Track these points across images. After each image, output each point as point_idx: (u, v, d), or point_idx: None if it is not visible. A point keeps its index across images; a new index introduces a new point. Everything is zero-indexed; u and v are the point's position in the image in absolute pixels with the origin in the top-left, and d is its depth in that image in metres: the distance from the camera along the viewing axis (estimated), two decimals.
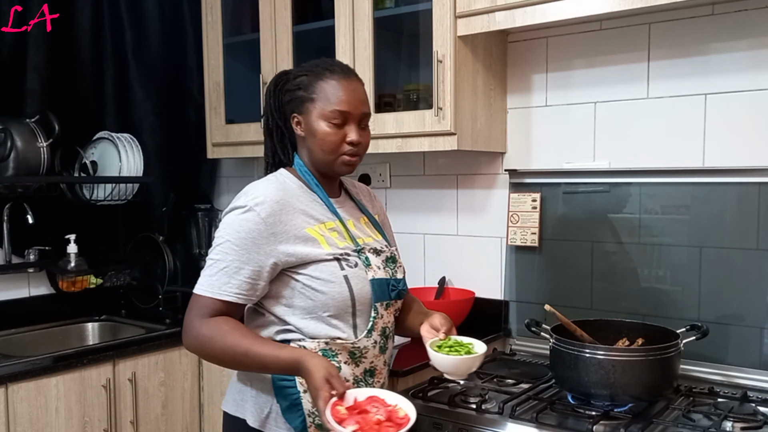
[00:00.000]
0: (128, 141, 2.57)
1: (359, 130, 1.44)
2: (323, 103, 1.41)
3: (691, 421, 1.56)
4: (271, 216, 1.37)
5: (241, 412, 1.45)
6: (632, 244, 2.01)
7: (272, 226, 1.36)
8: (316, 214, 1.44)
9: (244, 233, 1.36)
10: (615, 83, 2.05)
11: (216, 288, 1.37)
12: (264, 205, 1.37)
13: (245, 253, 1.35)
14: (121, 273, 2.71)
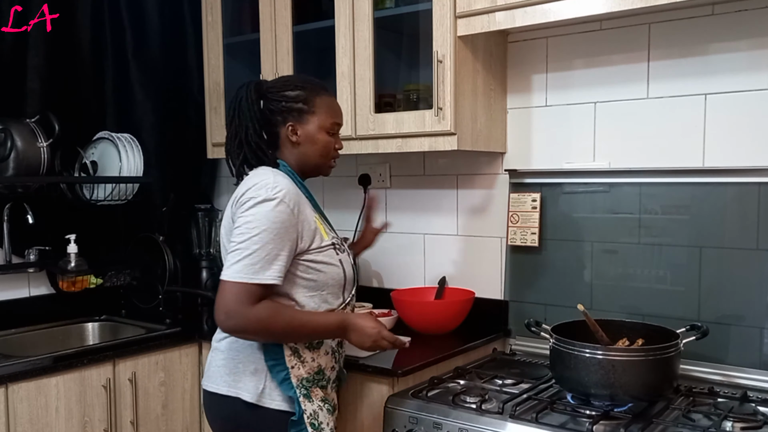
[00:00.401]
0: (128, 141, 2.57)
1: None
2: (324, 116, 1.68)
3: (691, 421, 1.56)
4: (296, 207, 1.56)
5: (234, 391, 1.61)
6: (632, 244, 2.01)
7: (297, 216, 1.56)
8: (312, 207, 1.67)
9: (279, 223, 1.52)
10: (615, 83, 2.05)
11: (261, 273, 1.50)
12: (290, 196, 1.55)
13: (280, 241, 1.52)
14: (121, 273, 2.71)
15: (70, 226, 2.50)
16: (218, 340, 1.69)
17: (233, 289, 1.50)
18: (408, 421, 1.71)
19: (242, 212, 1.54)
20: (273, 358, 1.60)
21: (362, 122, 2.20)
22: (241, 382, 1.61)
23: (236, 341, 1.62)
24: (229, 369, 1.63)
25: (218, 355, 1.67)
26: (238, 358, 1.62)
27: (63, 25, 2.50)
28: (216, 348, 1.68)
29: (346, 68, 2.22)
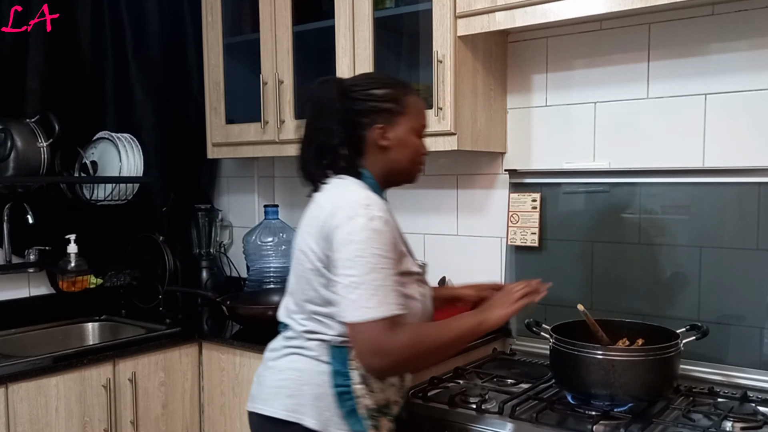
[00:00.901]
0: (128, 141, 2.57)
1: None
2: (415, 118, 1.51)
3: (691, 421, 1.56)
4: (395, 225, 1.42)
5: (296, 416, 1.43)
6: (632, 244, 2.01)
7: (397, 235, 1.42)
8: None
9: (389, 245, 1.35)
10: (615, 83, 2.05)
11: (391, 304, 1.33)
12: (388, 213, 1.40)
13: (393, 263, 1.35)
14: (121, 273, 2.71)
15: (70, 226, 2.50)
16: (275, 358, 1.51)
17: (374, 329, 1.31)
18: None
19: (342, 236, 1.34)
20: (340, 384, 1.42)
21: None
22: (304, 407, 1.43)
23: (300, 360, 1.46)
24: (291, 391, 1.44)
25: (275, 375, 1.49)
26: (301, 380, 1.44)
27: (63, 25, 2.50)
28: (272, 367, 1.50)
29: (346, 68, 2.22)
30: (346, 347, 1.42)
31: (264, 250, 2.67)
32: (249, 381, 2.18)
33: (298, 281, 1.48)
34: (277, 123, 2.41)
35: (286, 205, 2.86)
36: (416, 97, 1.53)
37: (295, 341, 1.49)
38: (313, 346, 1.45)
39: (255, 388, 1.54)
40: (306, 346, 1.46)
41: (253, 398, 1.53)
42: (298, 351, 1.47)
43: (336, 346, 1.43)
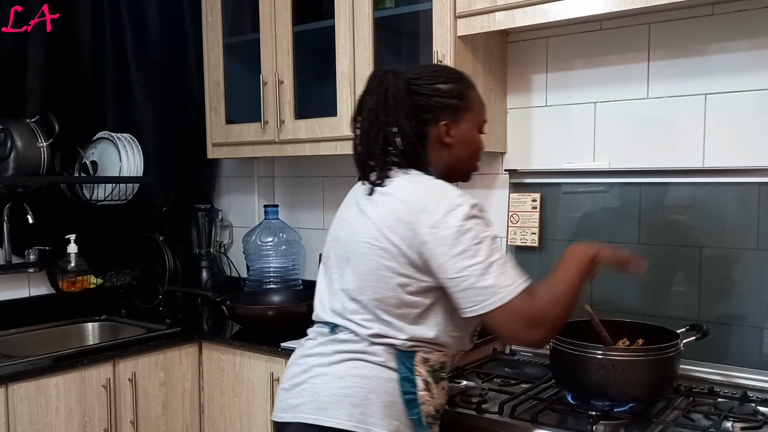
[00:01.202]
0: (128, 141, 2.57)
1: None
2: (477, 114, 1.49)
3: (691, 421, 1.56)
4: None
5: (365, 427, 1.34)
6: (632, 244, 2.00)
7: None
8: None
9: (491, 225, 1.37)
10: (615, 83, 2.05)
11: (521, 276, 1.34)
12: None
13: (497, 241, 1.37)
14: (121, 273, 2.71)
15: (70, 226, 2.50)
16: (327, 364, 1.40)
17: (520, 304, 1.29)
18: None
19: (456, 228, 1.30)
20: (409, 391, 1.37)
21: None
22: (372, 416, 1.34)
23: (364, 367, 1.37)
24: (357, 400, 1.35)
25: (333, 383, 1.38)
26: (368, 388, 1.36)
27: (63, 25, 2.50)
28: (326, 373, 1.39)
29: (346, 68, 2.22)
30: (413, 352, 1.38)
31: (264, 250, 2.67)
32: (249, 381, 2.19)
33: (365, 278, 1.38)
34: (277, 123, 2.41)
35: (286, 205, 2.86)
36: (475, 93, 1.50)
37: (354, 345, 1.39)
38: (379, 351, 1.38)
39: (299, 396, 1.41)
40: (370, 351, 1.38)
41: (297, 407, 1.40)
42: (360, 357, 1.38)
43: (404, 351, 1.38)
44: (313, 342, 1.47)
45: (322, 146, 2.34)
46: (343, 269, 1.44)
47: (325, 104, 2.33)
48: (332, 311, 1.45)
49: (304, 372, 1.43)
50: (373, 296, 1.37)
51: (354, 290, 1.40)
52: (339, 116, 2.25)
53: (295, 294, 2.56)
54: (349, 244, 1.42)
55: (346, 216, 1.49)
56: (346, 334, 1.41)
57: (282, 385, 1.48)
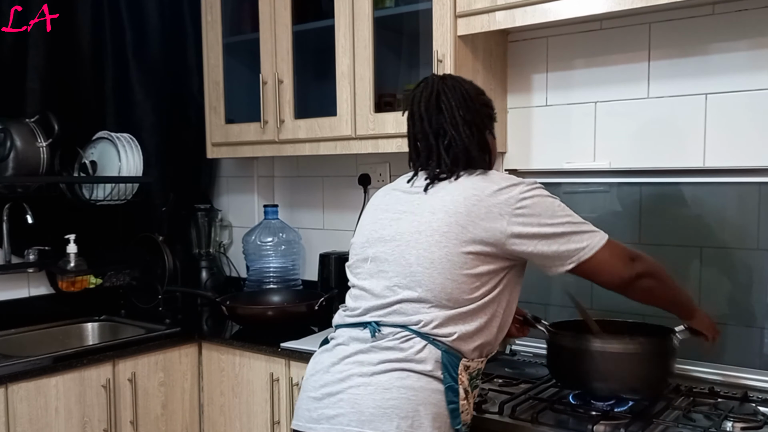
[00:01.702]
0: (128, 141, 2.57)
1: None
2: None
3: (691, 421, 1.56)
4: None
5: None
6: (632, 244, 2.00)
7: None
8: None
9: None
10: (615, 83, 2.05)
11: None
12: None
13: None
14: (120, 273, 2.71)
15: (69, 226, 2.50)
16: (373, 374, 1.36)
17: (615, 243, 1.43)
18: None
19: (540, 199, 1.41)
20: (452, 401, 1.37)
21: (362, 122, 2.20)
22: (421, 428, 1.33)
23: (411, 377, 1.35)
24: (405, 412, 1.32)
25: (378, 394, 1.34)
26: (417, 399, 1.33)
27: (63, 25, 2.50)
28: (369, 383, 1.35)
29: (346, 68, 2.22)
30: (458, 359, 1.38)
31: (264, 250, 2.67)
32: (248, 381, 2.19)
33: (436, 269, 1.36)
34: (276, 123, 2.41)
35: (286, 205, 2.86)
36: None
37: (400, 353, 1.36)
38: (426, 356, 1.36)
39: (336, 407, 1.37)
40: (417, 360, 1.36)
41: (335, 418, 1.36)
42: (406, 366, 1.36)
43: (450, 356, 1.37)
44: (346, 348, 1.42)
45: (321, 146, 2.34)
46: (397, 262, 1.41)
47: (324, 104, 2.33)
48: (377, 308, 1.42)
49: (340, 381, 1.39)
50: (443, 285, 1.36)
51: (416, 283, 1.38)
52: (339, 116, 2.25)
53: (294, 294, 2.56)
54: (408, 236, 1.41)
55: (386, 210, 1.49)
56: (393, 340, 1.38)
57: (309, 393, 1.43)
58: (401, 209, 1.46)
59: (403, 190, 1.50)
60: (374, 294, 1.43)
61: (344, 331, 1.46)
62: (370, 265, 1.47)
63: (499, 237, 1.37)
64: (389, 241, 1.44)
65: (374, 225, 1.50)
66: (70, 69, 2.55)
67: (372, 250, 1.47)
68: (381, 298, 1.42)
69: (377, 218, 1.50)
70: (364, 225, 1.54)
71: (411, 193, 1.47)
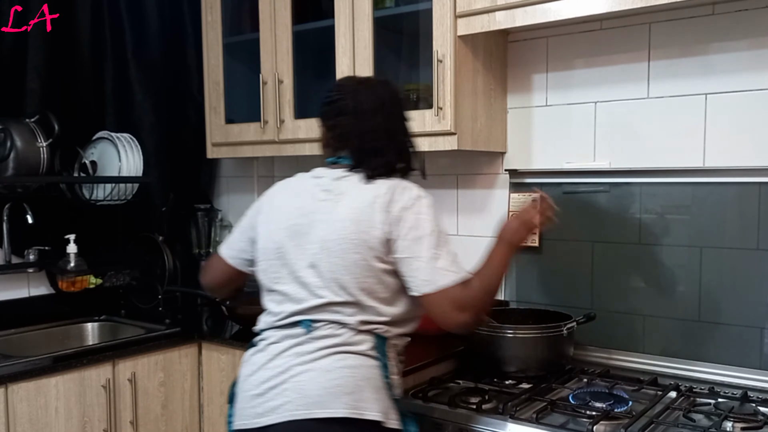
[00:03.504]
0: (128, 141, 2.57)
1: None
2: None
3: (691, 421, 1.56)
4: None
5: (357, 413, 1.42)
6: (632, 244, 2.01)
7: None
8: None
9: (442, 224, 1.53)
10: (615, 83, 2.05)
11: (463, 268, 1.50)
12: None
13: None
14: (120, 273, 2.71)
15: (69, 226, 2.50)
16: (313, 360, 1.46)
17: (455, 290, 1.45)
18: None
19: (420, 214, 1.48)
20: (388, 375, 1.50)
21: None
22: (363, 401, 1.43)
23: (349, 358, 1.45)
24: (349, 389, 1.42)
25: (322, 377, 1.43)
26: (358, 375, 1.44)
27: (63, 25, 2.50)
28: (311, 369, 1.44)
29: (346, 68, 2.22)
30: (386, 339, 1.51)
31: None
32: None
33: (348, 271, 1.46)
34: (276, 123, 2.41)
35: None
36: None
37: (337, 339, 1.46)
38: (361, 340, 1.47)
39: (281, 397, 1.44)
40: (354, 342, 1.47)
41: (281, 408, 1.43)
42: (344, 349, 1.46)
43: (381, 338, 1.50)
44: (280, 345, 1.50)
45: None
46: (316, 268, 1.49)
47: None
48: (307, 311, 1.49)
49: (281, 374, 1.46)
50: (360, 286, 1.47)
51: (337, 286, 1.47)
52: None
53: None
54: (324, 243, 1.49)
55: (302, 216, 1.54)
56: (327, 329, 1.47)
57: (249, 392, 1.49)
58: (316, 216, 1.52)
59: (315, 195, 1.56)
60: (298, 298, 1.50)
61: (274, 332, 1.53)
62: (287, 270, 1.52)
63: (385, 241, 1.47)
64: (305, 246, 1.51)
65: (287, 231, 1.54)
66: (70, 69, 2.55)
67: (290, 256, 1.52)
68: (305, 302, 1.49)
69: (289, 225, 1.54)
70: (273, 231, 1.57)
71: (322, 199, 1.54)
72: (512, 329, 1.90)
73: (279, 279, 1.54)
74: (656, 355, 1.98)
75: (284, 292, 1.52)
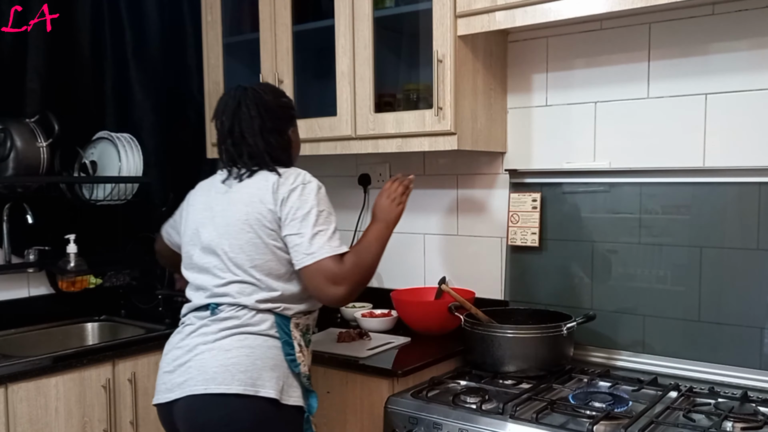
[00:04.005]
0: (128, 141, 2.57)
1: None
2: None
3: (691, 421, 1.56)
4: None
5: (252, 390, 1.54)
6: (632, 244, 2.01)
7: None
8: None
9: (329, 201, 1.66)
10: (615, 83, 2.05)
11: (342, 245, 1.61)
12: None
13: (334, 218, 1.65)
14: (120, 273, 2.71)
15: (69, 226, 2.49)
16: (215, 340, 1.60)
17: (329, 263, 1.57)
18: (408, 421, 1.71)
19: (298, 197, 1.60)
20: (289, 353, 1.61)
21: (362, 122, 2.20)
22: (260, 379, 1.56)
23: (248, 338, 1.59)
24: (245, 367, 1.55)
25: (221, 355, 1.57)
26: (255, 355, 1.57)
27: (63, 25, 2.50)
28: (212, 348, 1.59)
29: (346, 68, 2.22)
30: (288, 318, 1.64)
31: None
32: None
33: (243, 250, 1.61)
34: None
35: None
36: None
37: (238, 320, 1.60)
38: (260, 320, 1.61)
39: (185, 374, 1.59)
40: (253, 323, 1.60)
41: (184, 384, 1.58)
42: (244, 330, 1.60)
43: (281, 317, 1.63)
44: (191, 326, 1.66)
45: (321, 146, 2.34)
46: (217, 254, 1.65)
47: (324, 104, 2.33)
48: (213, 295, 1.64)
49: (187, 352, 1.62)
50: (253, 264, 1.61)
51: (234, 266, 1.62)
52: (339, 116, 2.25)
53: None
54: (221, 229, 1.65)
55: (206, 209, 1.71)
56: (229, 312, 1.62)
57: (163, 370, 1.66)
58: (215, 207, 1.69)
59: (217, 190, 1.72)
60: (207, 286, 1.66)
61: (190, 315, 1.69)
62: (197, 261, 1.69)
63: (275, 219, 1.61)
64: (209, 237, 1.67)
65: (196, 225, 1.72)
66: (69, 69, 2.55)
67: (197, 249, 1.69)
68: (210, 287, 1.65)
69: (197, 219, 1.72)
70: (188, 226, 1.75)
71: (221, 192, 1.70)
72: (512, 329, 1.90)
73: (192, 267, 1.71)
74: (656, 355, 1.98)
75: (195, 279, 1.69)
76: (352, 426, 1.93)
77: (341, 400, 1.94)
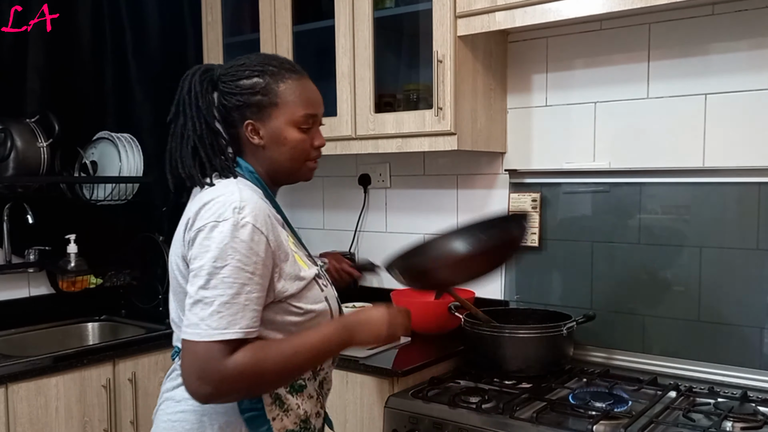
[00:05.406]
0: (128, 141, 2.57)
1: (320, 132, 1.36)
2: (293, 108, 1.30)
3: (691, 421, 1.56)
4: (270, 232, 1.20)
5: None
6: (632, 244, 2.01)
7: (272, 244, 1.19)
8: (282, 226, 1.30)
9: (250, 256, 1.15)
10: (615, 83, 2.05)
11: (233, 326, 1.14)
12: (261, 217, 1.18)
13: (252, 278, 1.15)
14: (121, 273, 2.71)
15: (69, 226, 2.50)
16: (171, 389, 1.32)
17: (202, 350, 1.12)
18: (408, 421, 1.71)
19: (201, 241, 1.16)
20: (251, 409, 1.24)
21: (362, 122, 2.20)
22: None
23: (172, 408, 1.30)
24: (190, 424, 1.25)
25: (171, 408, 1.29)
26: (201, 410, 1.24)
27: (63, 25, 2.50)
28: (169, 398, 1.31)
29: (346, 68, 2.22)
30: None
31: None
32: None
33: (174, 296, 1.28)
34: None
35: (286, 205, 2.85)
36: (296, 82, 1.32)
37: (173, 377, 1.33)
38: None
39: (155, 424, 1.33)
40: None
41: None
42: (168, 396, 1.32)
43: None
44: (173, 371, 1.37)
45: None
46: (173, 291, 1.30)
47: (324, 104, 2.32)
48: (176, 336, 1.34)
49: (159, 402, 1.36)
50: (181, 311, 1.24)
51: (172, 310, 1.30)
52: (339, 116, 2.25)
53: None
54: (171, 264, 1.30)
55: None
56: (178, 361, 1.27)
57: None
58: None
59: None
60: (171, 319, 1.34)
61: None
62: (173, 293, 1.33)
63: (186, 262, 1.22)
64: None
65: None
66: (70, 69, 2.55)
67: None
68: (173, 323, 1.33)
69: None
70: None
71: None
72: (512, 329, 1.90)
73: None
74: (656, 355, 1.98)
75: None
76: (352, 426, 1.93)
77: (341, 400, 1.94)
